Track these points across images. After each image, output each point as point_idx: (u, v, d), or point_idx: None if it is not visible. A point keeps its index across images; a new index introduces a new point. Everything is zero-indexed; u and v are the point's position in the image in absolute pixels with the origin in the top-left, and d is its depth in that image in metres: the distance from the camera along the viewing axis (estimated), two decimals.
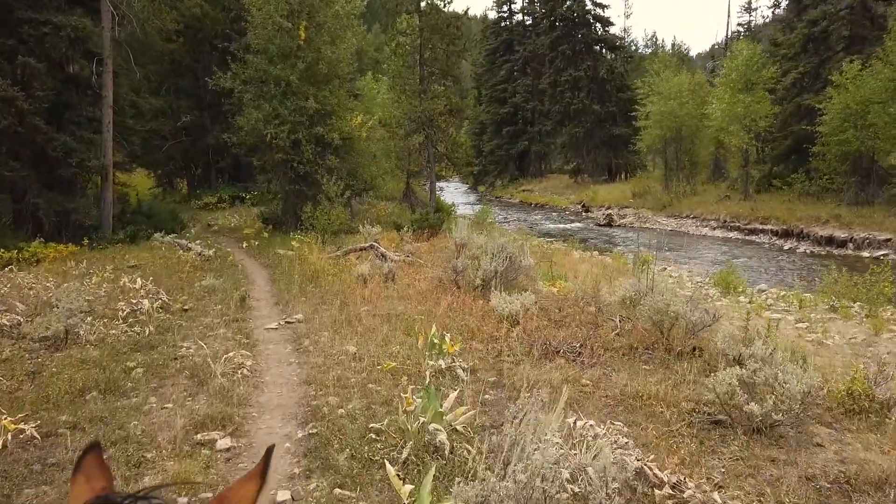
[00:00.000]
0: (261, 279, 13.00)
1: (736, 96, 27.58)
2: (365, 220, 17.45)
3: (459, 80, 22.26)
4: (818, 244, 22.03)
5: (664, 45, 79.51)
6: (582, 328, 7.74)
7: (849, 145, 23.39)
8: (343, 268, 12.56)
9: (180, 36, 31.79)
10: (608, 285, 12.34)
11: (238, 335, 8.19)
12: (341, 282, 11.25)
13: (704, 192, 33.38)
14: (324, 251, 14.78)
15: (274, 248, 16.26)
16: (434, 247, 15.40)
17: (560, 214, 39.88)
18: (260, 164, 18.95)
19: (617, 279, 13.67)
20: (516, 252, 9.72)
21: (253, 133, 17.60)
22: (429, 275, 11.73)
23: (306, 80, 17.62)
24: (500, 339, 7.40)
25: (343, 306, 9.54)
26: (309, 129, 17.56)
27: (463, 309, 8.88)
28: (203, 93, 32.61)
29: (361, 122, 19.78)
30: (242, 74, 18.03)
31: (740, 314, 10.78)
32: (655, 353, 6.68)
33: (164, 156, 33.43)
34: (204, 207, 30.68)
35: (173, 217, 20.43)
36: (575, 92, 47.90)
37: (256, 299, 10.86)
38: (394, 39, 21.82)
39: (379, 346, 7.26)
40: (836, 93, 24.01)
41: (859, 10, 27.83)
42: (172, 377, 6.53)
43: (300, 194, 18.45)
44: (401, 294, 10.13)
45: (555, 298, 9.38)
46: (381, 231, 16.21)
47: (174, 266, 13.64)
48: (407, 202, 24.68)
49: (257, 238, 18.42)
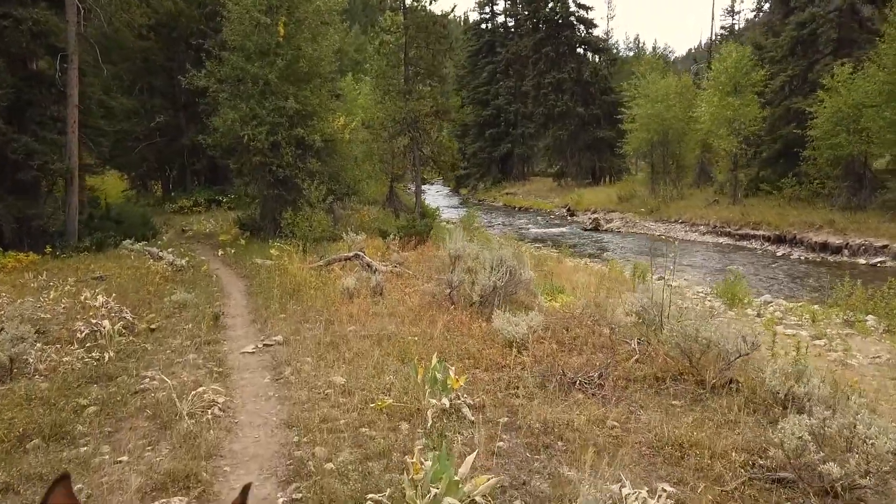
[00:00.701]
0: (237, 292, 12.06)
1: (725, 99, 27.14)
2: (348, 226, 16.58)
3: (446, 81, 21.48)
4: (812, 250, 21.56)
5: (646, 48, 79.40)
6: (596, 353, 6.95)
7: (841, 149, 22.98)
8: (326, 280, 11.66)
9: (153, 33, 30.67)
10: (612, 298, 11.61)
11: (210, 362, 7.27)
12: (325, 296, 10.36)
13: (691, 197, 32.93)
14: (305, 260, 13.87)
15: (251, 257, 15.32)
16: (423, 256, 14.55)
17: (545, 218, 39.26)
18: (237, 167, 17.95)
19: (619, 292, 12.98)
20: (516, 265, 8.91)
21: (229, 134, 16.61)
22: (420, 288, 10.88)
23: (286, 78, 16.69)
24: (507, 368, 6.58)
25: (328, 325, 8.67)
26: (289, 130, 16.63)
27: (461, 330, 8.05)
28: (178, 92, 31.53)
29: (344, 123, 18.87)
30: (218, 73, 17.04)
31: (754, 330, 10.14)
32: (685, 386, 5.90)
33: (137, 158, 32.25)
34: (178, 211, 29.58)
35: (144, 222, 19.34)
36: (559, 94, 47.36)
37: (232, 316, 9.94)
38: (377, 38, 20.92)
39: (370, 377, 6.41)
40: (828, 96, 23.62)
41: (847, 12, 27.53)
42: (131, 418, 5.61)
43: (279, 199, 17.51)
44: (391, 311, 9.27)
45: (559, 316, 8.59)
46: (366, 238, 15.33)
47: (143, 277, 12.64)
48: (391, 207, 23.80)
49: (234, 245, 17.45)
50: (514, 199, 49.27)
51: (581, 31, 49.51)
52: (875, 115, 20.75)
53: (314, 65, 16.96)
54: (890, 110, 19.99)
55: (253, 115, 16.21)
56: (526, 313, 8.11)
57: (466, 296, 9.28)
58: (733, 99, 26.92)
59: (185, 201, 30.70)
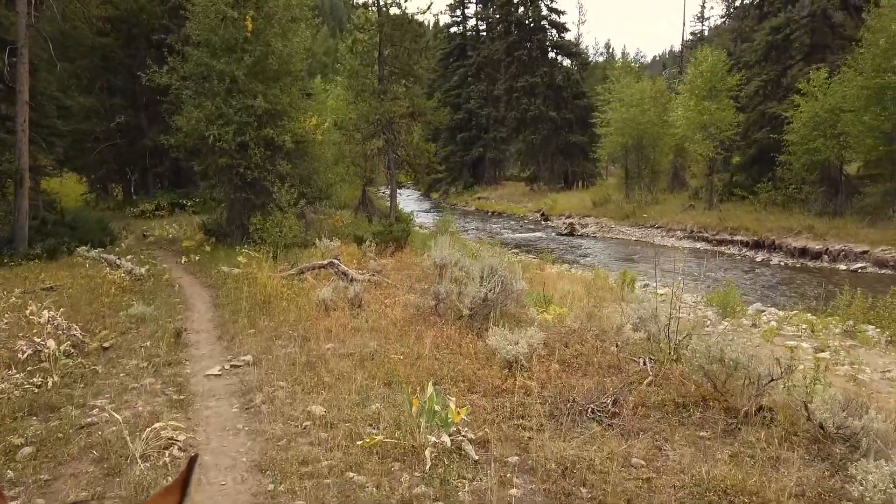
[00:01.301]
0: (201, 304, 11.15)
1: (701, 103, 26.94)
2: (321, 232, 15.73)
3: (421, 81, 20.76)
4: (791, 256, 21.36)
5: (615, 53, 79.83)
6: (605, 375, 6.30)
7: (818, 154, 22.88)
8: (299, 290, 10.83)
9: (112, 28, 29.41)
10: (606, 308, 11.00)
11: (169, 388, 6.42)
12: (298, 308, 9.54)
13: (665, 201, 32.77)
14: (275, 269, 13.00)
15: (217, 265, 14.37)
16: (401, 263, 13.79)
17: (519, 223, 38.78)
18: (201, 170, 16.94)
19: (608, 301, 12.41)
20: (508, 275, 8.23)
21: (193, 134, 15.62)
22: (401, 299, 10.13)
23: (254, 76, 15.78)
24: (509, 393, 5.87)
25: (303, 342, 7.87)
26: (257, 130, 15.72)
27: (452, 347, 7.33)
28: (139, 91, 30.22)
29: (316, 123, 17.99)
30: (181, 69, 16.04)
31: (752, 341, 9.63)
32: (711, 414, 5.27)
33: (95, 159, 30.86)
34: (140, 215, 28.32)
35: (102, 228, 18.18)
36: (531, 98, 47.01)
37: (196, 332, 9.05)
38: (350, 36, 20.09)
39: (354, 405, 5.65)
40: (804, 101, 23.53)
41: (820, 18, 27.61)
42: (74, 461, 4.76)
43: (247, 203, 16.57)
44: (373, 325, 8.49)
45: (556, 331, 7.92)
46: (340, 245, 14.51)
47: (97, 288, 11.63)
48: (364, 211, 22.94)
49: (198, 252, 16.45)
50: (487, 204, 48.73)
51: (553, 35, 49.29)
52: (855, 119, 20.64)
53: (284, 62, 16.07)
54: (869, 115, 19.88)
55: (219, 115, 15.27)
56: (520, 328, 7.44)
57: (454, 308, 8.57)
58: (709, 103, 26.73)
59: (146, 205, 29.45)
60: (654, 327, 7.68)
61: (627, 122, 32.44)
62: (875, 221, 20.87)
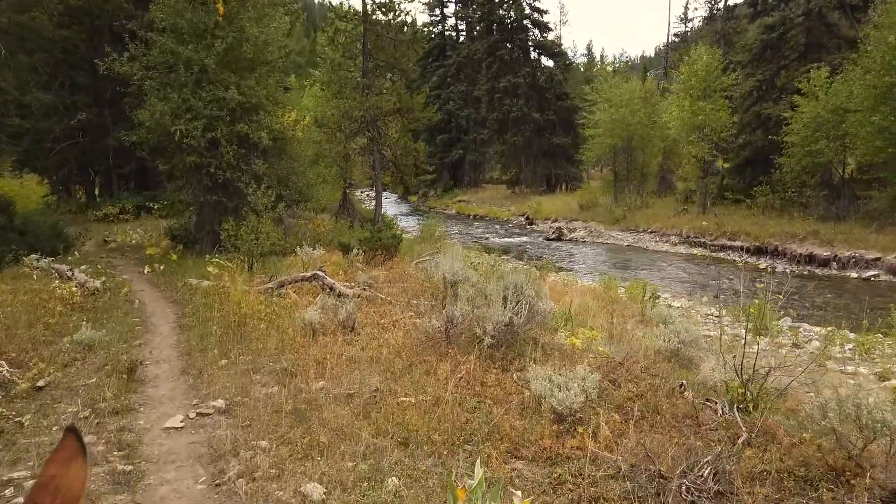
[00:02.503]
0: (164, 324, 9.56)
1: (696, 104, 25.93)
2: (302, 238, 14.19)
3: (409, 75, 19.27)
4: (797, 263, 20.34)
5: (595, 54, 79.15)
6: (680, 429, 4.93)
7: (821, 156, 21.95)
8: (280, 308, 9.32)
9: (74, 20, 27.54)
10: (626, 324, 9.70)
11: (115, 450, 4.90)
12: (280, 332, 8.04)
13: (655, 205, 31.75)
14: (251, 281, 11.45)
15: (185, 275, 12.78)
16: (394, 274, 12.31)
17: (503, 227, 37.50)
18: (167, 169, 15.25)
19: (626, 317, 11.10)
20: (534, 294, 6.84)
21: (157, 130, 13.95)
22: (401, 319, 8.69)
23: (226, 65, 14.18)
24: (565, 459, 4.47)
25: (288, 379, 6.39)
26: (230, 125, 14.12)
27: (475, 386, 5.91)
28: (103, 87, 28.28)
29: (296, 119, 16.41)
30: (144, 58, 14.35)
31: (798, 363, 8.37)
32: (855, 495, 3.91)
33: (56, 160, 28.85)
34: (103, 219, 26.43)
35: (56, 233, 16.36)
36: (514, 99, 45.85)
37: (156, 362, 7.50)
38: (331, 25, 18.53)
39: (363, 480, 4.21)
40: (805, 101, 22.61)
41: (816, 17, 26.80)
42: None
43: (219, 206, 14.94)
44: (372, 355, 7.03)
45: (598, 364, 6.55)
46: (324, 253, 13.00)
47: (41, 305, 9.96)
48: (344, 215, 21.39)
49: (164, 260, 14.79)
50: (468, 207, 47.42)
51: (536, 35, 48.20)
52: (862, 119, 19.70)
53: (260, 50, 14.48)
54: (879, 115, 18.94)
55: (186, 108, 13.64)
56: (552, 358, 6.08)
57: (468, 333, 7.16)
58: (704, 103, 25.73)
59: (110, 208, 27.58)
60: (693, 353, 6.37)
61: (616, 122, 31.36)
62: (883, 227, 19.95)
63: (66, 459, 0.93)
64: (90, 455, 4.55)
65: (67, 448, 0.94)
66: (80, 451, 0.94)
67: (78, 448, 0.94)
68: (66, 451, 0.94)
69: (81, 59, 28.74)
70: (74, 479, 0.91)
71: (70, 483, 0.90)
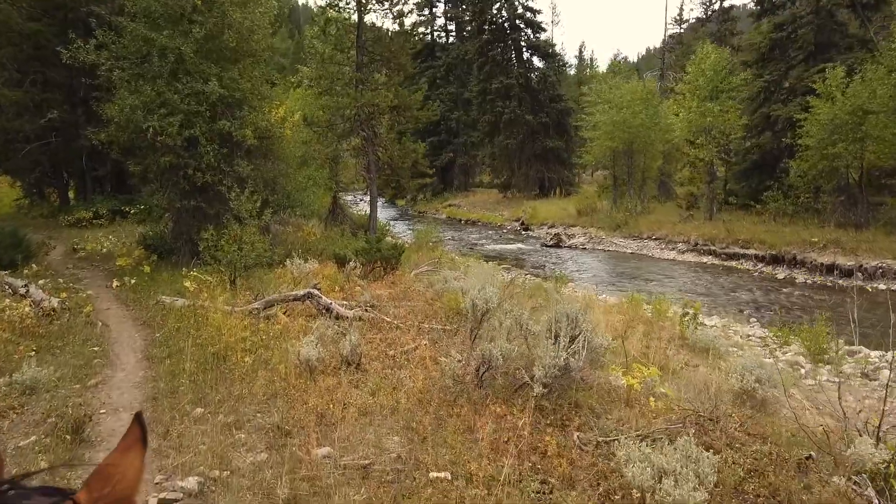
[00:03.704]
0: (130, 355, 8.02)
1: (703, 105, 24.74)
2: (292, 248, 12.68)
3: (407, 69, 17.72)
4: (818, 273, 19.13)
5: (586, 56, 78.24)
6: None
7: (839, 160, 20.81)
8: (268, 335, 7.83)
9: (45, 12, 25.89)
10: (670, 353, 8.33)
11: None
12: (270, 371, 6.56)
13: (656, 211, 30.54)
14: (234, 299, 9.94)
15: (158, 291, 11.21)
16: (396, 290, 10.83)
17: (497, 233, 36.16)
18: (139, 171, 13.64)
19: (664, 340, 9.72)
20: (588, 327, 5.43)
21: (128, 127, 12.36)
22: (410, 346, 7.25)
23: (206, 54, 12.64)
24: None
25: (281, 439, 4.93)
26: (210, 122, 12.56)
27: (533, 457, 4.48)
28: (77, 84, 26.65)
29: (284, 116, 14.87)
30: (113, 46, 12.75)
31: None
32: None
33: (27, 160, 27.08)
34: (75, 224, 24.69)
35: (14, 242, 14.64)
36: (506, 100, 44.50)
37: (114, 410, 6.00)
38: (323, 14, 17.01)
39: None
40: (821, 102, 21.47)
41: (826, 15, 25.75)
42: None
43: (197, 212, 13.37)
44: (386, 403, 5.58)
45: (679, 416, 5.15)
46: (318, 267, 11.51)
47: None
48: (334, 222, 19.84)
49: (135, 273, 13.19)
50: (459, 212, 46.06)
51: (529, 35, 46.95)
52: (886, 121, 18.56)
53: (244, 38, 12.95)
54: None
55: (161, 102, 12.07)
56: (622, 411, 4.69)
57: (506, 374, 5.74)
58: (712, 104, 24.55)
59: (83, 213, 25.86)
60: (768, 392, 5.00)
61: (617, 125, 30.09)
62: None
63: (125, 448, 0.90)
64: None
65: (130, 436, 0.91)
66: (139, 440, 0.91)
67: (139, 436, 0.91)
68: (128, 439, 0.90)
69: (53, 55, 27.01)
70: (129, 467, 0.88)
71: (125, 471, 0.87)
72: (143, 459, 0.92)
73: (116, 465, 0.88)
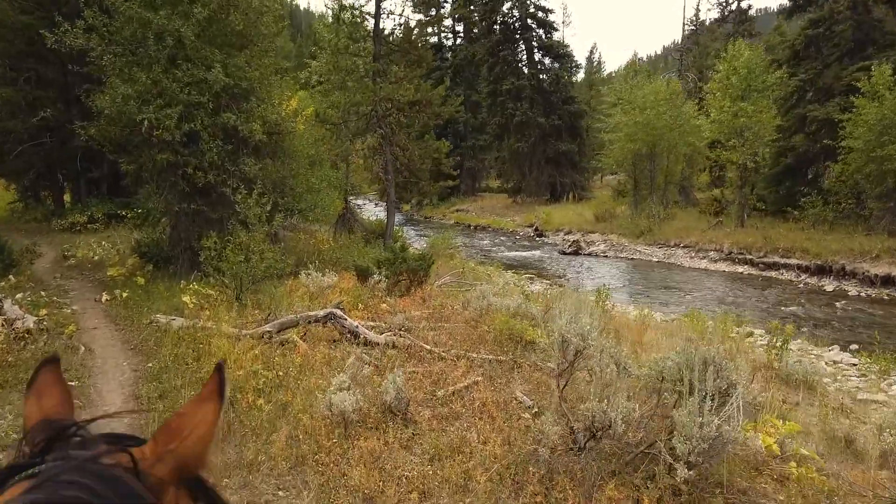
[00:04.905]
0: (116, 393, 6.53)
1: (737, 105, 23.29)
2: (308, 257, 11.19)
3: (428, 61, 16.22)
4: (871, 285, 17.62)
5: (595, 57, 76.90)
6: None
7: (889, 163, 19.34)
8: (286, 370, 6.33)
9: (38, 6, 24.53)
10: (755, 387, 6.85)
11: None
12: (292, 421, 5.07)
13: (678, 217, 29.04)
14: (242, 318, 8.46)
15: (153, 307, 9.72)
16: (428, 309, 9.28)
17: (510, 239, 34.68)
18: (132, 170, 12.16)
19: (750, 371, 8.22)
20: (736, 377, 3.93)
21: (120, 119, 10.89)
22: (461, 383, 5.75)
23: (209, 39, 11.18)
24: None
25: None
26: (213, 115, 11.09)
27: None
28: (71, 82, 25.26)
29: (296, 108, 13.37)
30: (104, 28, 11.29)
31: None
32: None
33: (21, 162, 25.69)
34: (69, 229, 23.24)
35: None
36: (517, 102, 43.06)
37: None
38: (337, 1, 15.53)
39: None
40: (866, 101, 20.04)
41: (863, 10, 24.33)
42: None
43: (198, 217, 11.89)
44: (451, 477, 4.08)
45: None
46: (337, 279, 10.01)
47: None
48: (344, 228, 18.32)
49: (128, 284, 11.69)
50: (468, 217, 44.53)
51: (540, 35, 45.55)
52: None
53: (252, 21, 11.50)
54: None
55: (158, 91, 10.61)
56: None
57: (612, 440, 4.24)
58: (746, 104, 23.09)
59: (77, 217, 24.45)
60: None
61: (640, 126, 28.62)
62: None
63: (200, 399, 0.80)
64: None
65: (208, 387, 0.81)
66: (215, 392, 0.80)
67: (216, 388, 0.81)
68: (205, 390, 0.81)
69: (48, 51, 25.64)
70: (202, 421, 0.77)
71: (197, 425, 0.76)
72: (219, 413, 0.79)
73: (189, 416, 0.78)
